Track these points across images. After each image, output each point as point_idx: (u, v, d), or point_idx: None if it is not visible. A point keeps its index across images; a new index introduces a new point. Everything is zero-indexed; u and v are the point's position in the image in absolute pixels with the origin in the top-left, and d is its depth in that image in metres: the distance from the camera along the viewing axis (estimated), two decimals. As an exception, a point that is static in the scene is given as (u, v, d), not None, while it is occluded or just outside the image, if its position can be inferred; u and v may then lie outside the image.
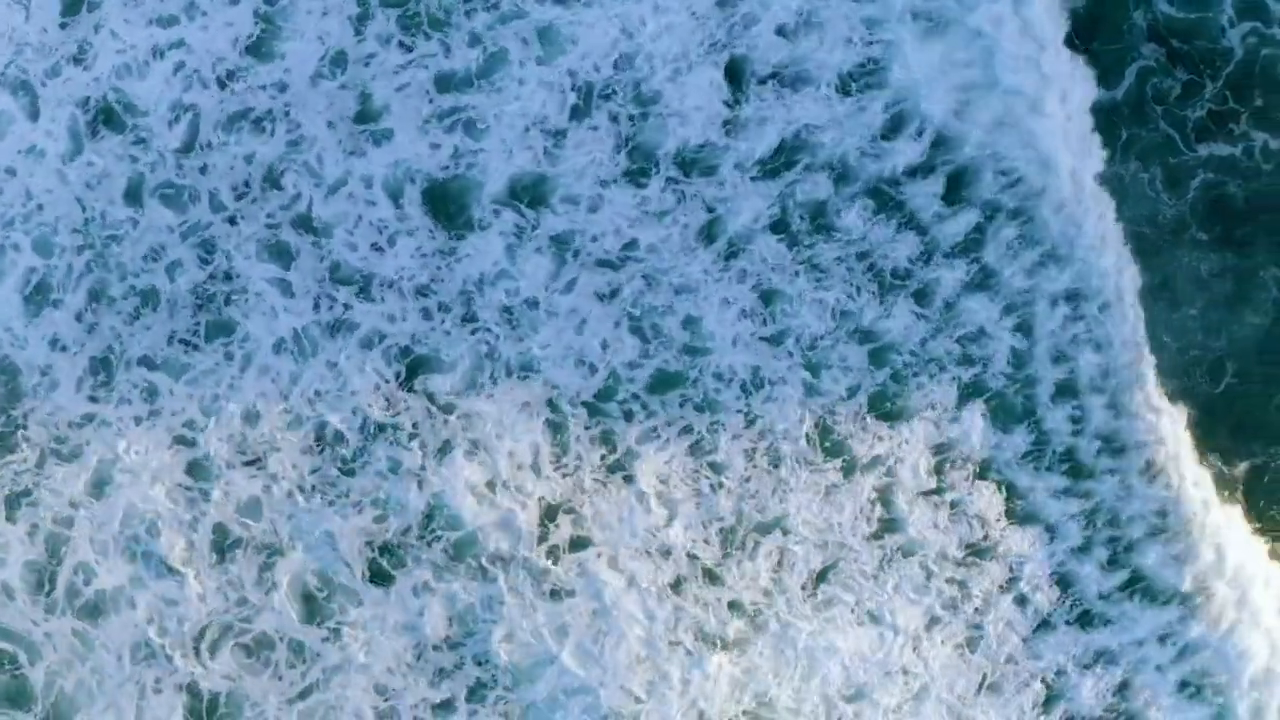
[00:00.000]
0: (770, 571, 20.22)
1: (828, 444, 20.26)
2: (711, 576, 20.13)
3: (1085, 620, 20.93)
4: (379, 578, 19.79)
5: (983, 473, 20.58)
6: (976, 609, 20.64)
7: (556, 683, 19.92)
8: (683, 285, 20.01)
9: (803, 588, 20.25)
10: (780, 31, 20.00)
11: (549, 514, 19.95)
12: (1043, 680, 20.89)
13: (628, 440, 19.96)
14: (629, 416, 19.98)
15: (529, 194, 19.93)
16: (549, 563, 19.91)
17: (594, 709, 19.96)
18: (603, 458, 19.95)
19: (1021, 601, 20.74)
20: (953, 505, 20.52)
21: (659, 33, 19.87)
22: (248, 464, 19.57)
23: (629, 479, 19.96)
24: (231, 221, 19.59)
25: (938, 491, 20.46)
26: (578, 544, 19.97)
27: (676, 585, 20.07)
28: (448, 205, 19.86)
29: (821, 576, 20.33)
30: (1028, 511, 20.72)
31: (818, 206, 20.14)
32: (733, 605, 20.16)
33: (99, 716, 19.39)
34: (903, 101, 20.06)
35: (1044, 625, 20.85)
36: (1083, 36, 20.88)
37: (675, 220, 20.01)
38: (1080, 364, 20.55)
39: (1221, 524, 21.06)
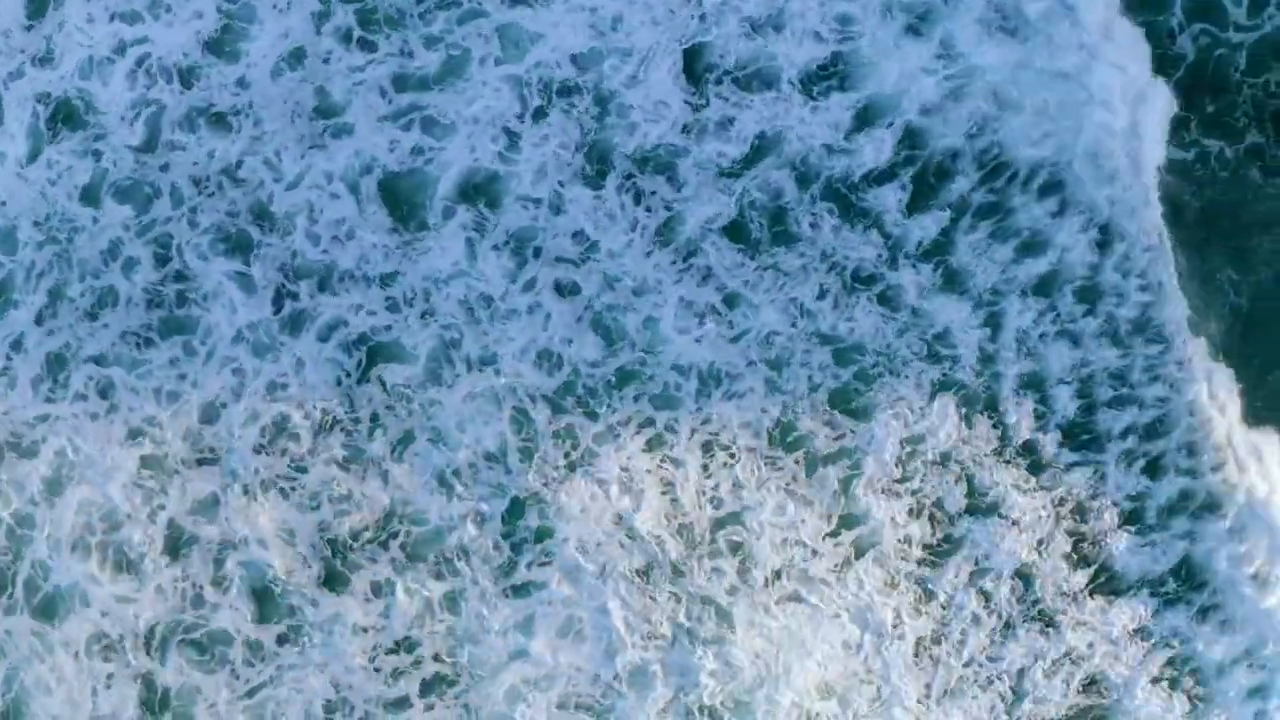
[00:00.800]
0: (735, 567, 20.12)
1: (790, 439, 20.25)
2: (677, 571, 20.04)
3: (1048, 618, 20.86)
4: (337, 574, 19.67)
5: (947, 467, 20.57)
6: (941, 606, 20.49)
7: (520, 676, 19.77)
8: (642, 285, 20.10)
9: (766, 584, 20.16)
10: (749, 27, 20.22)
11: (513, 508, 19.89)
12: (1006, 679, 20.73)
13: (590, 435, 19.95)
14: (591, 412, 19.98)
15: (487, 191, 20.06)
16: (513, 556, 19.82)
17: (559, 702, 19.82)
18: (566, 453, 19.92)
19: (985, 599, 20.65)
20: (916, 501, 20.46)
21: (624, 28, 20.10)
22: (203, 460, 19.53)
23: (592, 473, 19.92)
24: (192, 215, 19.68)
25: (902, 481, 20.41)
26: (543, 535, 19.91)
27: (644, 580, 19.96)
28: (407, 200, 20.00)
29: (785, 573, 20.20)
30: (991, 506, 20.66)
31: (781, 207, 20.27)
32: (699, 600, 20.04)
33: (57, 709, 19.23)
34: (873, 99, 20.26)
35: (1008, 624, 20.73)
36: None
37: (635, 220, 20.13)
38: (1050, 355, 20.62)
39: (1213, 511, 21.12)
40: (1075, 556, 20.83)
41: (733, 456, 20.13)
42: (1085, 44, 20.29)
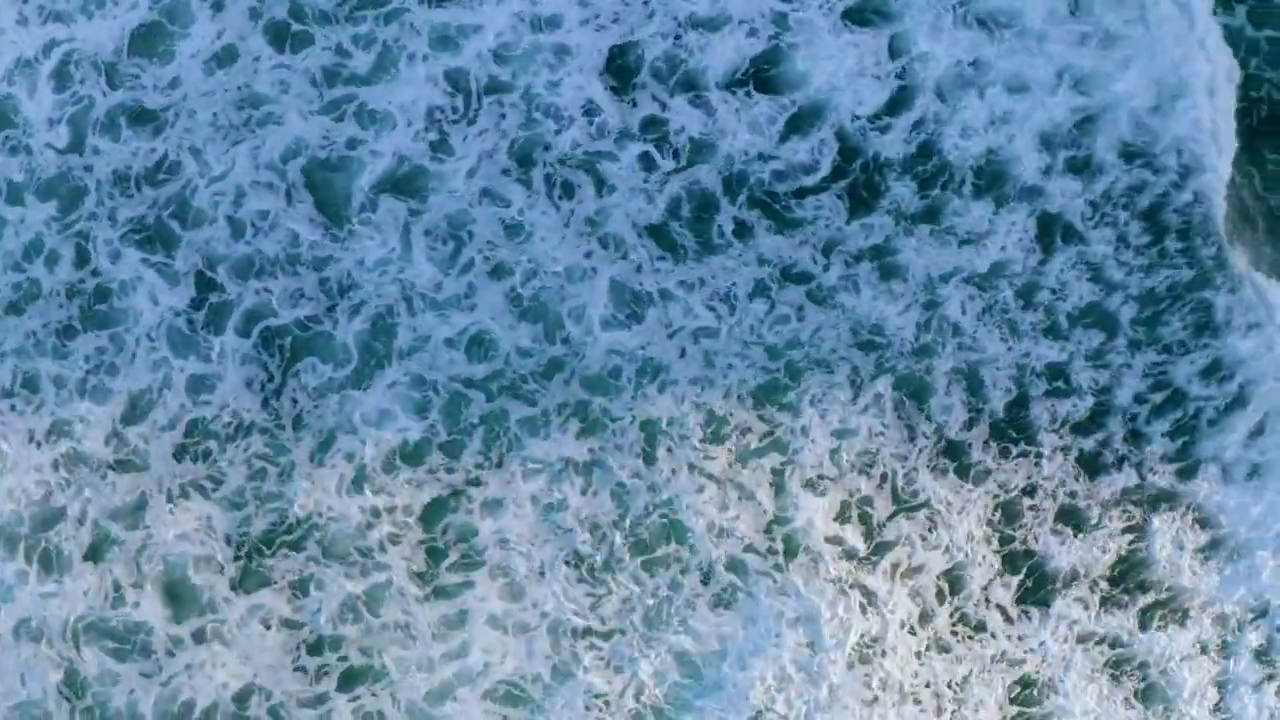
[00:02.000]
0: (673, 561, 20.06)
1: (722, 432, 20.18)
2: (613, 565, 20.05)
3: (982, 621, 20.72)
4: (256, 573, 19.76)
5: (879, 463, 20.48)
6: (876, 608, 20.38)
7: (451, 671, 19.80)
8: (573, 275, 20.14)
9: (705, 580, 20.12)
10: (685, 26, 20.25)
11: (439, 502, 19.94)
12: (944, 683, 20.63)
13: (521, 425, 19.97)
14: (523, 400, 20.01)
15: (418, 183, 20.12)
16: (441, 551, 19.88)
17: (491, 697, 19.85)
18: (496, 444, 19.94)
19: (920, 600, 20.58)
20: (848, 496, 20.40)
21: (561, 26, 20.18)
22: (123, 460, 19.66)
23: (523, 464, 19.93)
24: (114, 211, 19.89)
25: (834, 479, 20.35)
26: (471, 531, 19.94)
27: (580, 573, 19.97)
28: (335, 192, 20.04)
29: (724, 567, 20.13)
30: (923, 504, 20.60)
31: (711, 208, 20.30)
32: (636, 594, 20.01)
33: None
34: (809, 101, 20.30)
35: (938, 634, 20.63)
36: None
37: (568, 216, 20.19)
38: (989, 349, 20.56)
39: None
40: (1011, 555, 20.72)
41: (670, 447, 20.10)
42: (1082, 34, 20.47)
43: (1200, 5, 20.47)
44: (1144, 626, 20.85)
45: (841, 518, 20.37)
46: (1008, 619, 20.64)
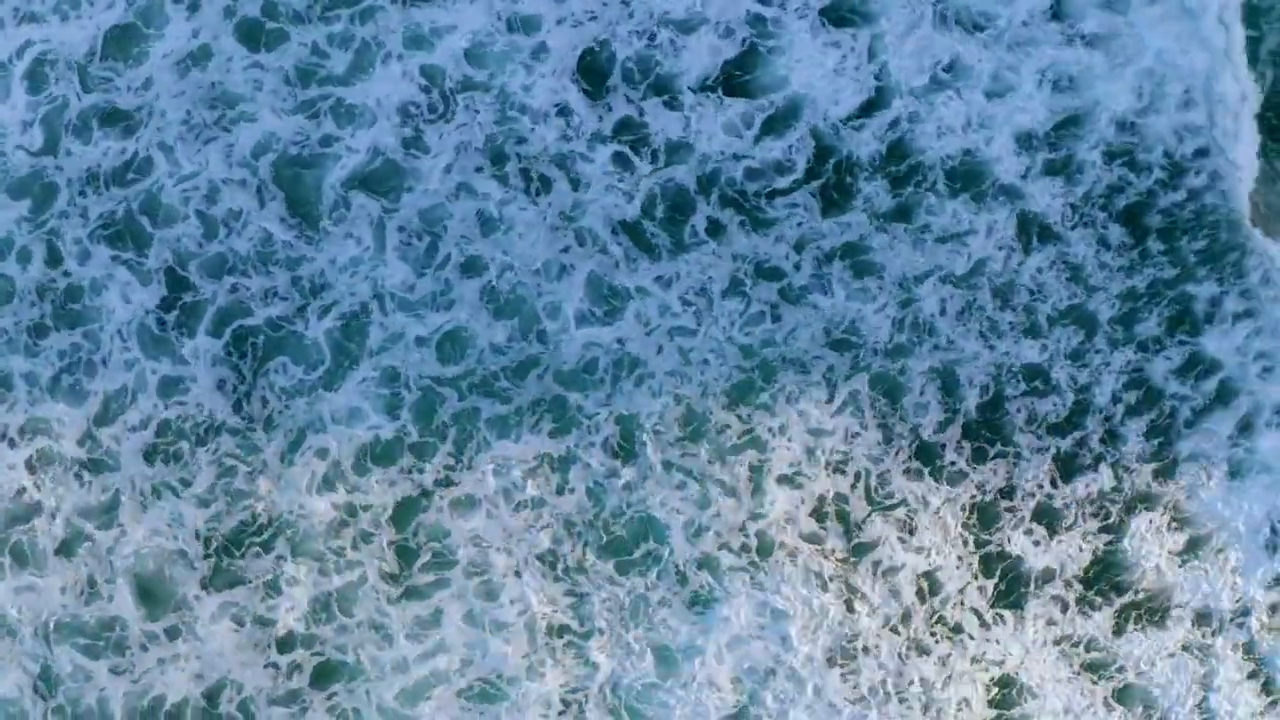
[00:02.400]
0: (649, 559, 20.08)
1: (700, 430, 20.17)
2: (584, 565, 20.09)
3: (958, 623, 20.67)
4: (228, 571, 19.83)
5: (854, 462, 20.44)
6: (856, 607, 20.37)
7: (427, 670, 19.84)
8: (549, 269, 20.16)
9: (680, 579, 20.12)
10: (661, 27, 20.25)
11: (411, 501, 19.94)
12: (921, 684, 20.57)
13: (494, 423, 19.98)
14: (496, 397, 20.02)
15: (392, 180, 20.14)
16: (398, 562, 19.90)
17: (464, 694, 19.90)
18: (468, 442, 19.97)
19: (899, 599, 20.54)
20: (826, 495, 20.33)
21: (539, 27, 20.19)
22: (96, 460, 19.72)
23: (495, 462, 19.95)
24: (85, 209, 19.99)
25: (810, 477, 20.30)
26: (442, 532, 19.96)
27: (554, 571, 19.99)
28: (308, 189, 20.05)
29: (700, 565, 20.11)
30: (900, 503, 20.54)
31: (686, 207, 20.30)
32: (612, 593, 20.03)
33: None
34: (785, 102, 20.28)
35: (917, 636, 20.55)
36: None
37: (544, 209, 20.20)
38: (967, 349, 20.52)
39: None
40: (987, 557, 20.66)
41: (646, 444, 20.11)
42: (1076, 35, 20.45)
43: (1209, 4, 20.41)
44: (1121, 628, 20.76)
45: (819, 516, 20.33)
46: (983, 623, 20.56)
